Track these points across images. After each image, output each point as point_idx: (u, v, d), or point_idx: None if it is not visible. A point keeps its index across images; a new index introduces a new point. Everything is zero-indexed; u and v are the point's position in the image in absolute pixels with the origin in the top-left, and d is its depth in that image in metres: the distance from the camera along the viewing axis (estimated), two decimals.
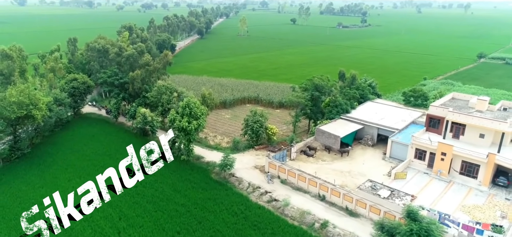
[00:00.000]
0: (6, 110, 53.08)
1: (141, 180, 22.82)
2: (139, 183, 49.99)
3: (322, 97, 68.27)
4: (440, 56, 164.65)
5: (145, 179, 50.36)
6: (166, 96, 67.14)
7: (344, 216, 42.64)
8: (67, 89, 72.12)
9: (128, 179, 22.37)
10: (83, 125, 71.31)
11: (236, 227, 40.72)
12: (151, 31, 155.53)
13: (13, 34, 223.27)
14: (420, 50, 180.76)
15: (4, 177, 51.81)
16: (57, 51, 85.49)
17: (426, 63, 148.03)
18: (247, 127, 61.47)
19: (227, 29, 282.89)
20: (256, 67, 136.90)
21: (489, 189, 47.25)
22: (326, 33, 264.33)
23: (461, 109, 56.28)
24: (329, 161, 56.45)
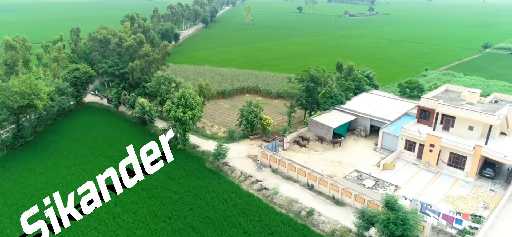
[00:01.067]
0: (8, 99, 55.22)
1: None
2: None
3: (318, 88, 69.20)
4: (444, 46, 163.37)
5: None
6: (164, 86, 68.67)
7: (330, 205, 44.07)
8: (69, 78, 74.09)
9: (128, 179, 22.01)
10: (85, 114, 73.43)
11: (225, 214, 42.48)
12: (155, 20, 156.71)
13: (17, 22, 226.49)
14: (425, 40, 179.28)
15: (7, 163, 54.20)
16: (60, 41, 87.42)
17: (429, 53, 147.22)
18: (242, 118, 62.88)
19: (233, 17, 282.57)
20: (258, 57, 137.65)
21: (475, 180, 48.22)
22: (331, 22, 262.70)
23: (452, 101, 56.92)
24: (321, 151, 57.75)
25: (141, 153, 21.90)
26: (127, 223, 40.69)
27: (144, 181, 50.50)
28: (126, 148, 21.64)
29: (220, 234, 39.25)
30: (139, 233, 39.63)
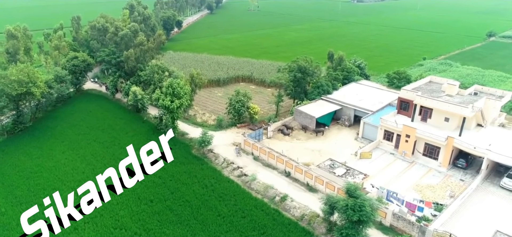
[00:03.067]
0: (7, 87, 58.55)
1: (124, 155, 21.51)
2: (122, 156, 55.25)
3: (307, 78, 70.89)
4: (448, 33, 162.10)
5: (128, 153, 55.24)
6: (157, 75, 71.20)
7: (304, 191, 46.48)
8: (68, 66, 77.13)
9: (128, 179, 22.07)
10: (83, 101, 76.70)
11: (203, 198, 45.29)
12: (158, 7, 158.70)
13: (19, 8, 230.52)
14: (429, 27, 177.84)
15: (6, 148, 57.83)
16: (61, 29, 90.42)
17: (431, 41, 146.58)
18: (230, 106, 65.28)
19: (239, 3, 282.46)
20: (258, 45, 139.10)
21: (448, 170, 50.01)
22: (338, 8, 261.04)
23: (432, 93, 58.28)
24: (304, 140, 59.95)
25: (141, 153, 22.16)
26: (111, 205, 43.64)
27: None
28: (126, 148, 21.97)
29: (196, 216, 42.09)
30: (122, 214, 42.72)
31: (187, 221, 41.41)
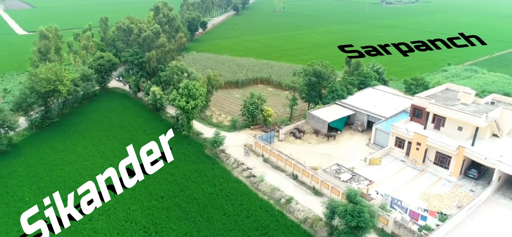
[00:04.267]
0: (37, 84, 62.69)
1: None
2: (138, 154, 57.83)
3: (322, 82, 71.33)
4: None
5: None
6: (177, 76, 73.81)
7: (309, 195, 47.30)
8: (94, 66, 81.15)
9: (128, 179, 22.25)
10: (106, 99, 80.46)
11: (211, 197, 47.03)
12: (184, 8, 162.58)
13: (55, 8, 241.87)
14: (457, 31, 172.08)
15: (34, 141, 61.92)
16: (89, 30, 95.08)
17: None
18: (244, 108, 66.83)
19: (265, 4, 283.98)
20: (281, 47, 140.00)
21: (458, 180, 49.37)
22: (365, 10, 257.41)
23: (447, 101, 57.49)
24: (314, 144, 60.61)
25: (141, 153, 22.40)
26: (124, 199, 46.26)
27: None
28: (126, 148, 22.62)
29: (202, 214, 43.86)
30: (134, 208, 45.13)
31: (194, 218, 43.26)
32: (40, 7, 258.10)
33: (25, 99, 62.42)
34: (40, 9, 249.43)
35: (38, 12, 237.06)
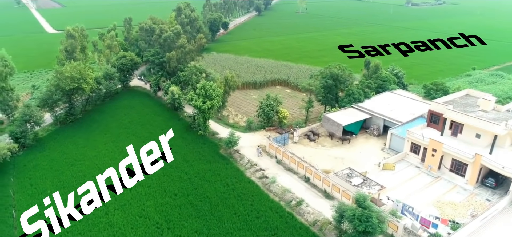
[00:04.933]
0: (62, 82, 65.57)
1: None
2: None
3: (339, 86, 71.08)
4: (504, 41, 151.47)
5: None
6: (195, 76, 75.31)
7: (320, 198, 47.48)
8: (117, 65, 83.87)
9: (128, 179, 22.53)
10: (127, 97, 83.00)
11: (223, 196, 48.01)
12: (206, 9, 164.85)
13: (81, 7, 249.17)
14: (485, 34, 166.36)
15: (58, 136, 64.81)
16: (113, 30, 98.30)
17: (484, 50, 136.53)
18: (260, 109, 67.53)
19: (287, 5, 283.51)
20: (301, 48, 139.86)
21: (475, 188, 48.31)
22: (389, 11, 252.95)
23: (466, 107, 56.26)
24: (329, 147, 60.60)
25: (141, 153, 22.84)
26: (140, 195, 47.96)
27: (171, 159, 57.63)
28: (126, 148, 23.74)
29: (214, 213, 44.89)
30: (148, 204, 46.69)
31: (205, 216, 44.35)
32: (69, 6, 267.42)
33: (51, 96, 65.45)
34: (69, 8, 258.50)
35: (67, 11, 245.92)
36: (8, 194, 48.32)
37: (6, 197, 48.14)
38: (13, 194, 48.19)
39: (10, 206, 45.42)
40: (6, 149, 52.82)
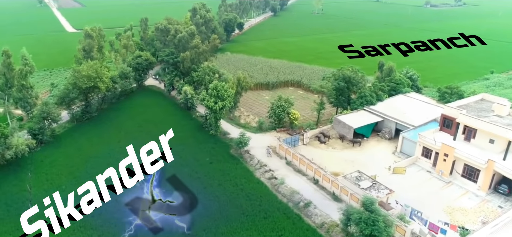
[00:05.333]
0: (79, 80, 67.43)
1: (171, 148, 23.87)
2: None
3: (351, 88, 70.80)
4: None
5: (173, 147, 61.07)
6: (208, 77, 76.22)
7: (328, 200, 47.56)
8: (133, 64, 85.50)
9: (128, 179, 22.58)
10: (142, 96, 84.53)
11: (231, 196, 48.61)
12: (222, 9, 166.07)
13: (100, 7, 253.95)
14: (506, 37, 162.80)
15: (74, 133, 66.60)
16: (130, 30, 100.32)
17: (504, 52, 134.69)
18: (271, 111, 67.90)
19: (303, 6, 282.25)
20: (314, 49, 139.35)
21: (487, 195, 47.57)
22: (407, 13, 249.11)
23: (480, 111, 55.33)
24: (339, 149, 60.51)
25: (141, 153, 22.83)
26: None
27: (174, 158, 58.49)
28: (126, 148, 24.11)
29: (222, 212, 45.49)
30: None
31: (213, 215, 44.99)
32: (89, 6, 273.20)
33: (68, 94, 67.37)
34: (89, 8, 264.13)
35: (86, 11, 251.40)
36: (25, 188, 50.08)
37: (23, 191, 49.87)
38: (30, 188, 49.88)
39: (27, 200, 47.00)
40: (24, 145, 54.71)
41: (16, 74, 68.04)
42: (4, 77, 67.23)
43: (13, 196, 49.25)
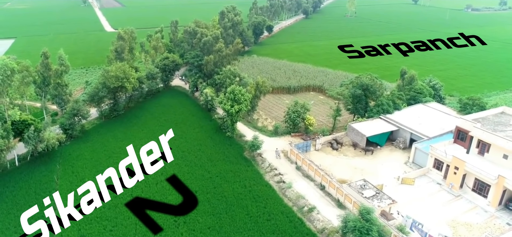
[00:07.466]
0: (107, 80, 72.28)
1: (187, 148, 24.55)
2: (185, 149, 63.44)
3: (370, 96, 70.78)
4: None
5: (190, 146, 64.32)
6: (229, 80, 78.89)
7: (332, 207, 48.55)
8: (160, 65, 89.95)
9: (128, 179, 22.59)
10: (167, 96, 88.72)
11: (239, 197, 50.76)
12: (252, 12, 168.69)
13: (139, 8, 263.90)
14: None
15: (101, 130, 71.51)
16: (160, 32, 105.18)
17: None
18: (287, 115, 69.42)
19: (337, 8, 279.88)
20: (341, 54, 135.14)
21: (496, 211, 46.69)
22: (445, 17, 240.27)
23: (498, 125, 54.03)
24: (351, 157, 61.02)
25: (141, 153, 23.11)
26: (164, 189, 52.12)
27: (190, 158, 61.86)
28: (126, 148, 25.15)
29: (228, 211, 47.77)
30: (170, 198, 50.70)
31: (219, 214, 47.38)
32: (129, 6, 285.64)
33: (97, 92, 72.37)
34: (128, 8, 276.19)
35: (126, 11, 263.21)
36: (53, 179, 54.90)
37: (51, 182, 54.71)
38: (57, 179, 54.65)
39: (54, 190, 51.58)
40: (55, 139, 59.79)
41: (53, 73, 73.97)
42: (42, 76, 73.25)
43: (42, 186, 54.09)
